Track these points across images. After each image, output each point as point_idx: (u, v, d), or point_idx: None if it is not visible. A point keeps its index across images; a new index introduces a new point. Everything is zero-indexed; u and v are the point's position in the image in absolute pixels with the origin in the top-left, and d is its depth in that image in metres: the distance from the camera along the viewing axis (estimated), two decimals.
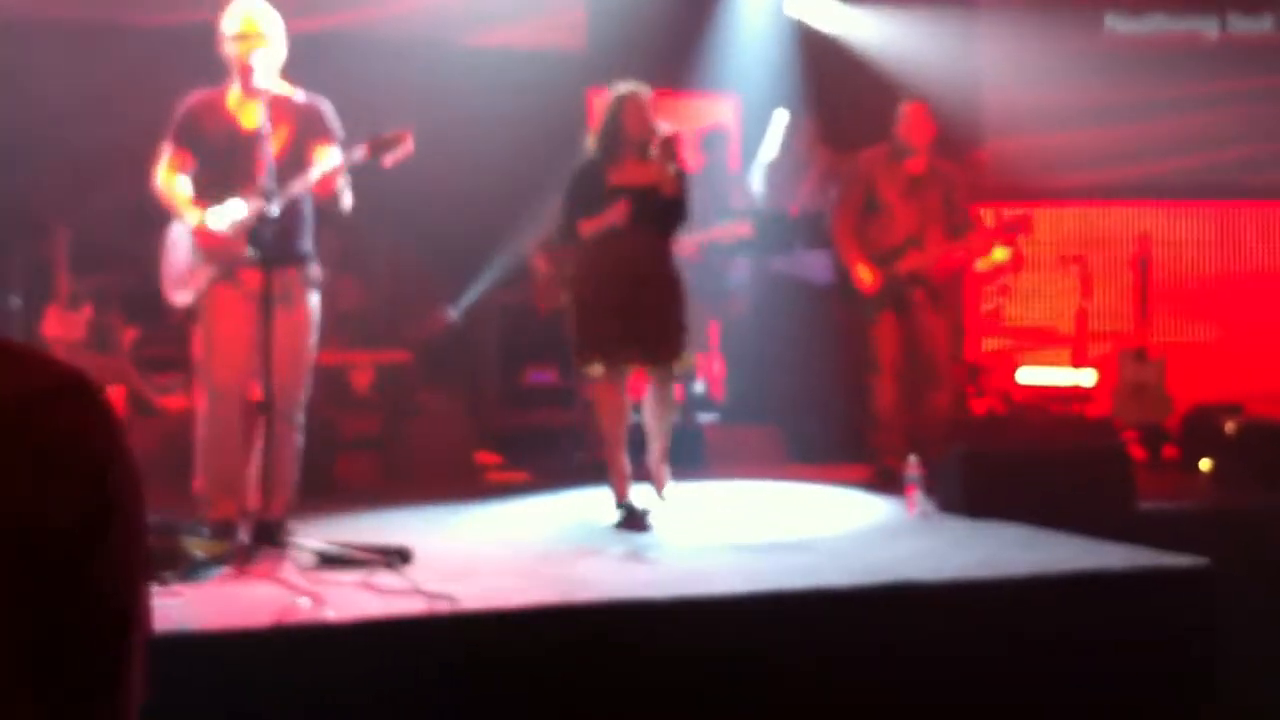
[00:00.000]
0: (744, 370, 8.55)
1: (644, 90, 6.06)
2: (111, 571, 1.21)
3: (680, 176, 5.98)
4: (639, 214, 5.91)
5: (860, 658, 4.42)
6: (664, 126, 6.03)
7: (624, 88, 6.08)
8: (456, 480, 7.13)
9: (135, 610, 1.24)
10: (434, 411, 7.54)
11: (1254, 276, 9.84)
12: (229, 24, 4.98)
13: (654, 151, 5.94)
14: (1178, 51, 9.93)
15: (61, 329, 7.00)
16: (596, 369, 6.01)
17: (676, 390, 6.43)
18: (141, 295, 6.95)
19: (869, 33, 9.48)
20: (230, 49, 4.97)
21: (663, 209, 5.96)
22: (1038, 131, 9.75)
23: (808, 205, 8.28)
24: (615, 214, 5.89)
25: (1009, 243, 7.37)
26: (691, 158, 6.15)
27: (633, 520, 5.87)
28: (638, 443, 6.20)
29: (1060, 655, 4.58)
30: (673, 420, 6.35)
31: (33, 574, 1.15)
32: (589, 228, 5.95)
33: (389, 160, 4.84)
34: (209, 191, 5.00)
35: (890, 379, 7.04)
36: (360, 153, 4.84)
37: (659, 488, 6.14)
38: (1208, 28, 9.96)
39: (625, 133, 5.98)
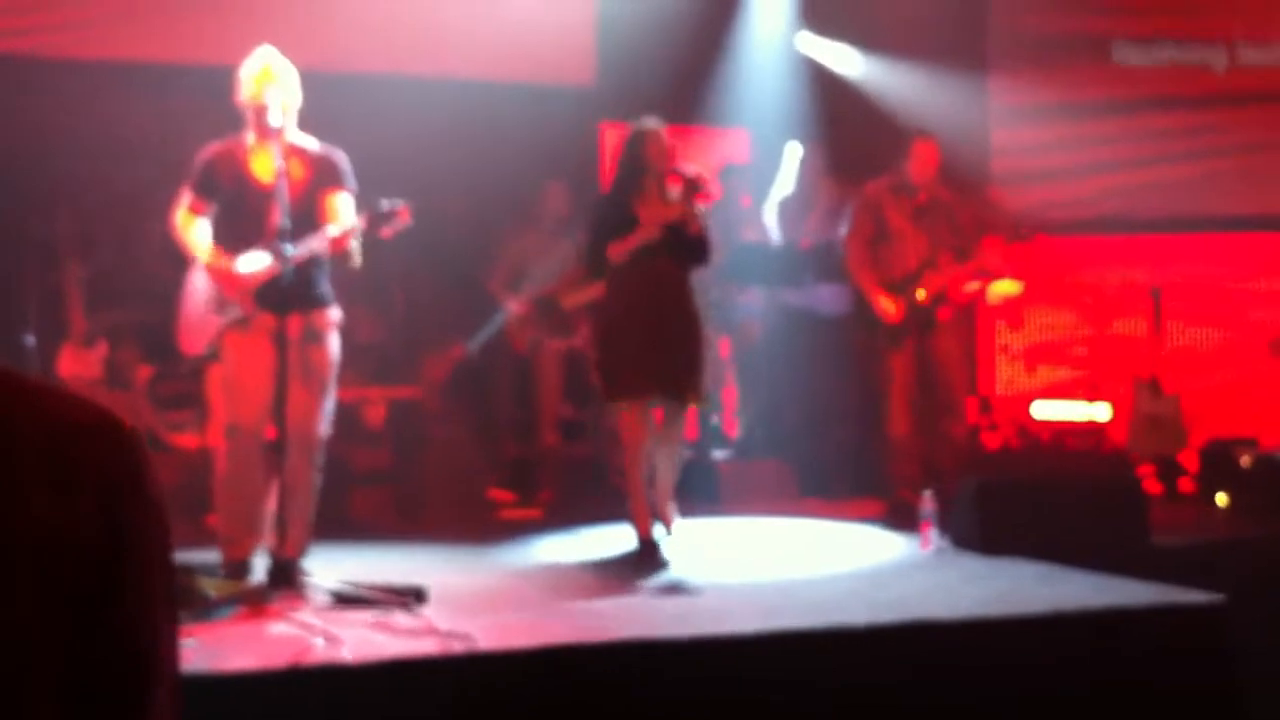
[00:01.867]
0: (755, 405, 8.55)
1: (662, 125, 6.08)
2: (138, 607, 1.22)
3: (704, 216, 6.00)
4: (662, 249, 5.93)
5: (877, 695, 4.40)
6: (690, 167, 6.07)
7: (643, 123, 6.10)
8: (470, 515, 7.13)
9: (161, 645, 1.25)
10: (447, 445, 7.54)
11: (1268, 308, 9.81)
12: (246, 72, 5.04)
13: (677, 191, 5.97)
14: (1187, 82, 9.94)
15: (76, 367, 7.02)
16: (623, 404, 6.00)
17: (687, 427, 6.40)
18: (156, 332, 6.97)
19: (879, 78, 9.51)
20: (246, 97, 5.02)
21: (685, 246, 5.98)
22: (1047, 164, 9.76)
23: (817, 238, 8.29)
24: (646, 232, 5.90)
25: (1018, 252, 7.36)
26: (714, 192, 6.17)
27: (653, 557, 5.84)
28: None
29: (1077, 692, 4.56)
30: (681, 456, 6.33)
31: (62, 607, 1.16)
32: (618, 250, 5.95)
33: (387, 231, 4.94)
34: (225, 239, 5.08)
35: (905, 409, 7.04)
36: (360, 223, 4.91)
37: (666, 524, 6.11)
38: (1216, 59, 9.96)
39: (647, 167, 6.00)
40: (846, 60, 9.66)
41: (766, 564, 5.86)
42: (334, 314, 5.15)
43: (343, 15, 8.25)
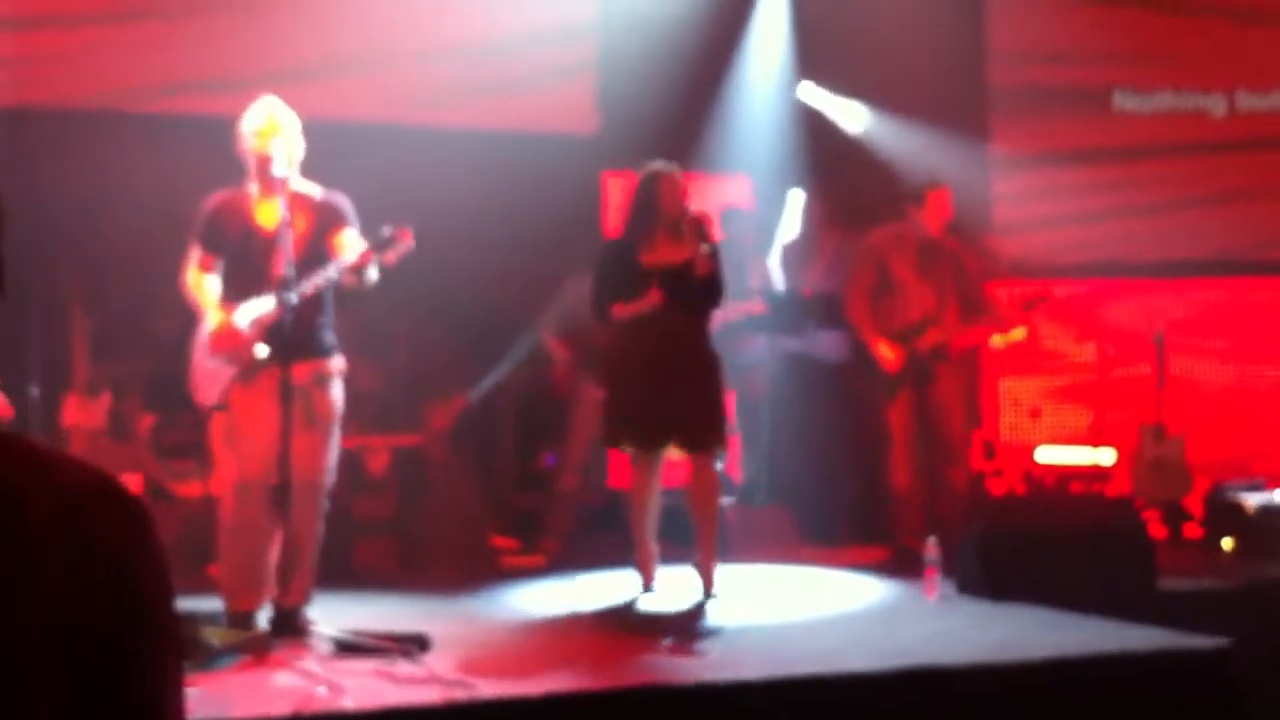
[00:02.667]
0: (758, 451, 8.53)
1: (676, 168, 6.05)
2: (145, 666, 1.23)
3: (714, 255, 5.91)
4: (672, 293, 5.85)
5: None
6: (692, 206, 6.02)
7: (656, 166, 6.05)
8: (472, 563, 7.12)
9: (167, 699, 1.25)
10: (449, 493, 7.54)
11: (1271, 352, 9.81)
12: (248, 122, 5.06)
13: (684, 230, 5.89)
14: (1186, 129, 9.99)
15: (80, 417, 7.02)
16: (628, 451, 5.93)
17: (718, 474, 6.21)
18: (160, 382, 6.99)
19: (879, 130, 9.56)
20: (249, 146, 5.04)
21: (696, 288, 5.88)
22: (1049, 210, 9.79)
23: (820, 285, 8.31)
24: (649, 300, 5.82)
25: (1027, 320, 7.36)
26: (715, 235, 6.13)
27: (657, 605, 5.79)
28: (682, 528, 6.15)
29: None
30: (718, 507, 6.16)
31: (67, 670, 1.16)
32: (622, 311, 5.88)
33: (390, 257, 4.89)
34: (232, 289, 5.09)
35: (907, 456, 7.04)
36: (360, 254, 4.89)
37: (706, 585, 5.95)
38: (1215, 106, 10.01)
39: (659, 211, 5.93)
40: (848, 113, 9.71)
41: (771, 610, 5.83)
42: (337, 362, 5.15)
43: (346, 65, 8.31)
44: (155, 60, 8.03)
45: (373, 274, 4.98)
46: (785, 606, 5.96)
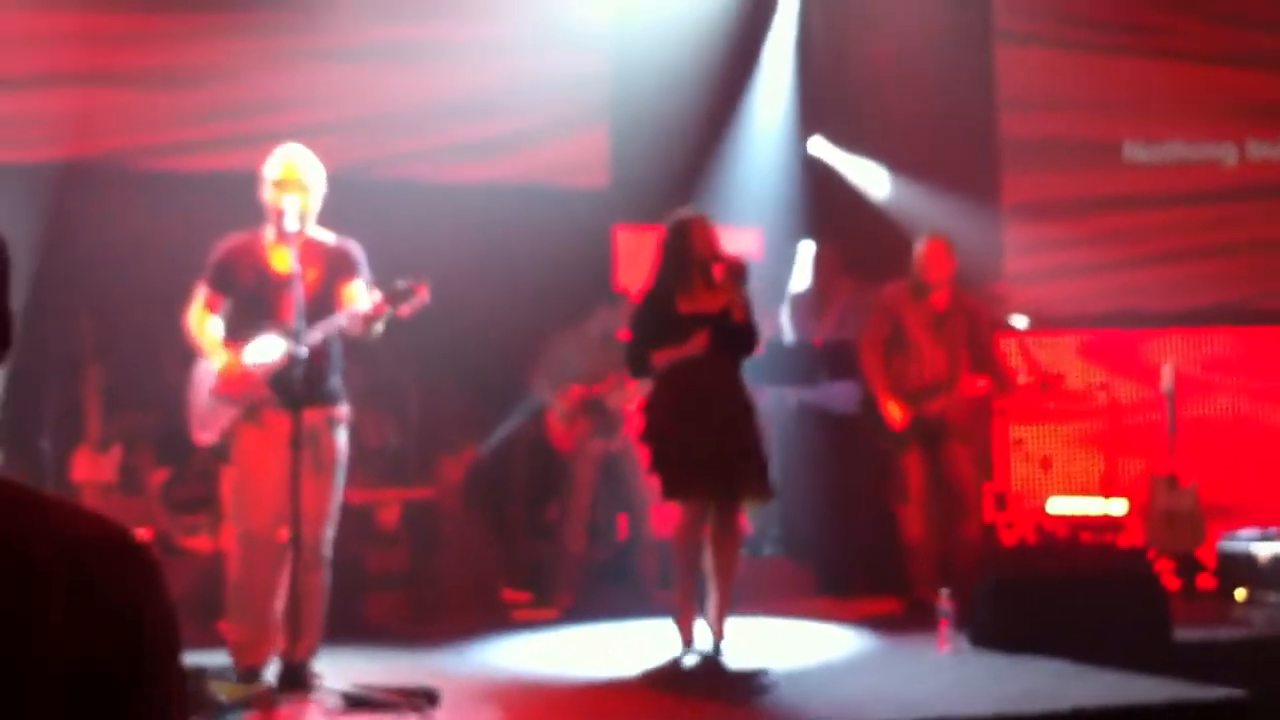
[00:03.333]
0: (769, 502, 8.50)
1: (704, 213, 6.00)
2: (148, 718, 1.23)
3: (749, 303, 5.88)
4: (712, 341, 5.80)
5: None
6: (731, 253, 5.96)
7: (685, 212, 6.01)
8: (484, 617, 7.09)
9: None
10: (461, 547, 7.52)
11: None
12: (271, 169, 5.08)
13: (718, 278, 5.84)
14: (1196, 178, 10.02)
15: (91, 471, 7.03)
16: (687, 503, 5.80)
17: (742, 523, 6.12)
18: (171, 436, 7.00)
19: (889, 189, 9.62)
20: (269, 193, 5.06)
21: (734, 335, 5.84)
22: (1060, 260, 9.81)
23: (831, 336, 8.31)
24: (695, 345, 5.77)
25: (1037, 396, 7.34)
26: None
27: (701, 663, 5.69)
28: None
29: None
30: (740, 558, 6.06)
31: (71, 718, 1.16)
32: (663, 357, 5.82)
33: (405, 310, 4.88)
34: (240, 332, 5.09)
35: (919, 509, 7.02)
36: (377, 304, 4.88)
37: (718, 636, 5.84)
38: (1226, 155, 10.04)
39: (693, 257, 5.85)
40: (858, 170, 9.77)
41: (786, 662, 5.80)
42: (344, 410, 5.15)
43: (358, 119, 8.38)
44: (171, 115, 8.10)
45: (379, 327, 4.98)
46: (800, 657, 5.92)
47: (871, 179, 9.71)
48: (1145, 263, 9.88)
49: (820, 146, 9.82)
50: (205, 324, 5.12)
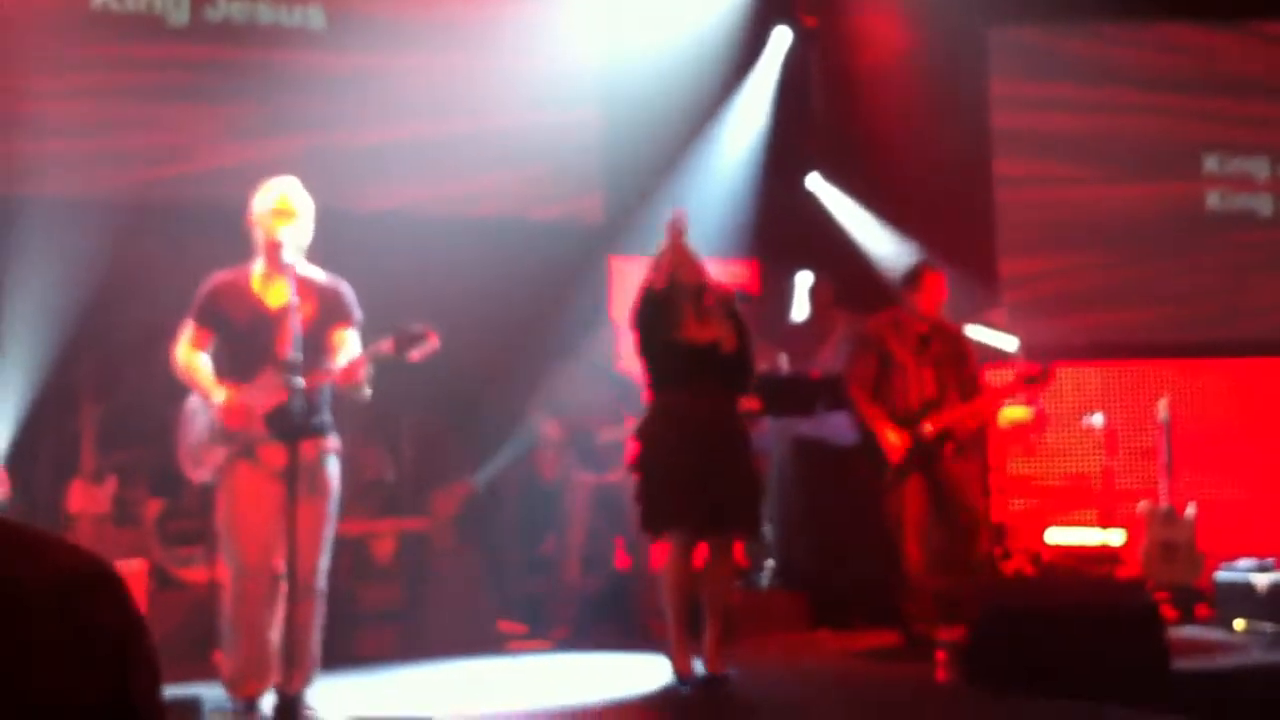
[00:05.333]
0: (766, 535, 8.48)
1: (691, 245, 5.92)
2: None
3: (742, 332, 5.87)
4: (703, 372, 5.77)
5: None
6: (722, 284, 5.95)
7: (670, 242, 5.92)
8: (479, 649, 7.06)
9: None
10: (456, 579, 7.50)
11: (1278, 431, 9.80)
12: (262, 202, 5.06)
13: (710, 308, 5.82)
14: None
15: (85, 503, 7.02)
16: (666, 535, 5.77)
17: (738, 555, 6.10)
18: (166, 469, 6.99)
19: (878, 235, 9.70)
20: (260, 226, 5.04)
21: (726, 365, 5.82)
22: (1055, 289, 9.84)
23: (828, 367, 8.31)
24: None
25: (1029, 396, 7.33)
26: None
27: (696, 695, 5.65)
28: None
29: None
30: (732, 591, 6.01)
31: None
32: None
33: (415, 355, 4.86)
34: (232, 369, 5.05)
35: (917, 542, 6.97)
36: (385, 346, 4.85)
37: (715, 669, 5.78)
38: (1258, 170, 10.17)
39: (681, 287, 5.80)
40: (849, 213, 9.85)
41: (785, 696, 5.77)
42: (335, 441, 5.13)
43: (357, 155, 8.40)
44: (169, 150, 8.13)
45: (367, 390, 4.96)
46: (799, 692, 5.90)
47: (858, 221, 9.78)
48: (1140, 293, 9.91)
49: (816, 184, 9.88)
50: (195, 360, 5.06)
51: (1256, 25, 10.29)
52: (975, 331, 7.50)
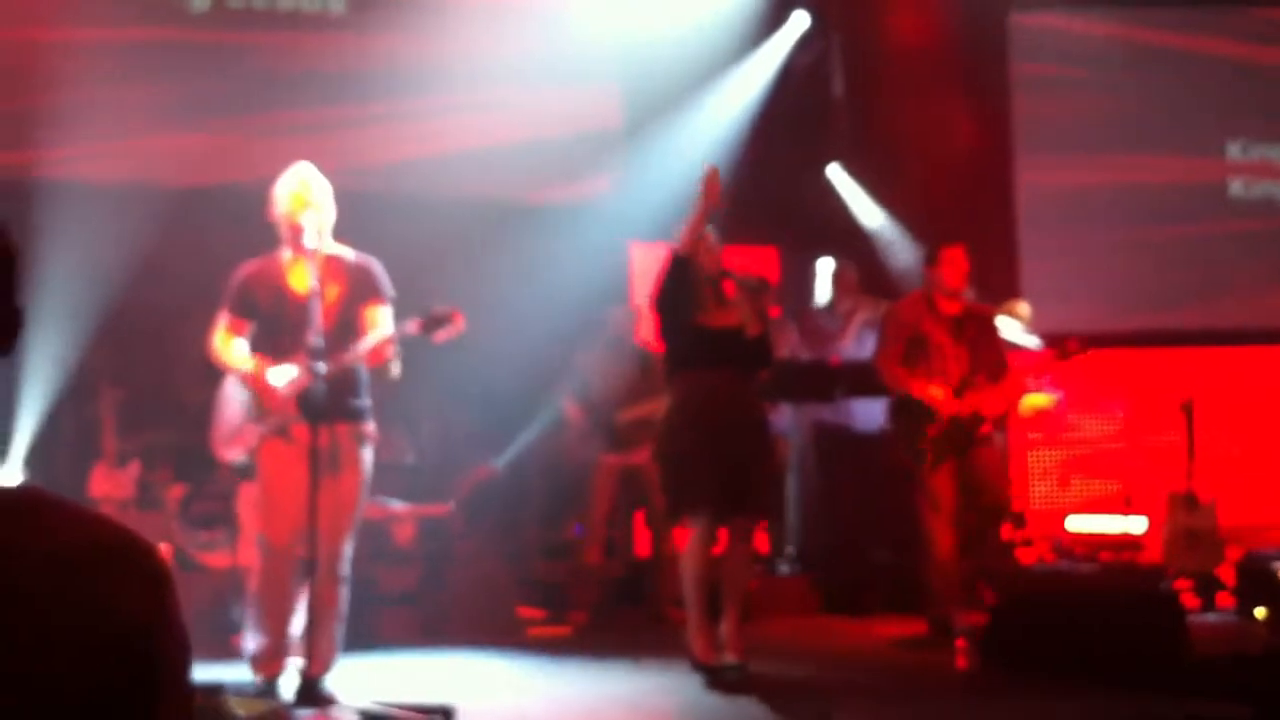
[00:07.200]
0: (784, 521, 8.48)
1: (712, 231, 5.91)
2: None
3: (764, 318, 5.87)
4: (725, 356, 5.77)
5: None
6: (749, 274, 5.95)
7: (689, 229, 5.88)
8: (499, 634, 7.07)
9: None
10: (476, 564, 7.51)
11: None
12: (282, 190, 5.07)
13: (730, 295, 5.81)
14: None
15: (108, 488, 7.05)
16: (688, 520, 5.77)
17: (758, 543, 6.11)
18: (188, 453, 7.01)
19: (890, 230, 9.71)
20: (282, 213, 5.06)
21: (747, 350, 5.82)
22: (1078, 276, 9.81)
23: (849, 354, 8.30)
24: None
25: (1052, 381, 7.27)
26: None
27: (716, 682, 5.66)
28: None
29: None
30: (751, 577, 6.03)
31: None
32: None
33: (440, 336, 4.88)
34: (265, 353, 5.07)
35: (948, 525, 6.89)
36: (412, 328, 4.89)
37: (735, 654, 5.79)
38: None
39: (701, 274, 5.79)
40: (865, 207, 9.84)
41: (804, 682, 5.78)
42: (370, 428, 5.13)
43: (375, 139, 8.41)
44: (188, 136, 8.14)
45: (397, 367, 4.98)
46: (818, 678, 5.90)
47: (870, 213, 9.78)
48: (1164, 279, 9.88)
49: (836, 174, 9.88)
50: (230, 347, 5.09)
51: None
52: (1001, 322, 7.47)
